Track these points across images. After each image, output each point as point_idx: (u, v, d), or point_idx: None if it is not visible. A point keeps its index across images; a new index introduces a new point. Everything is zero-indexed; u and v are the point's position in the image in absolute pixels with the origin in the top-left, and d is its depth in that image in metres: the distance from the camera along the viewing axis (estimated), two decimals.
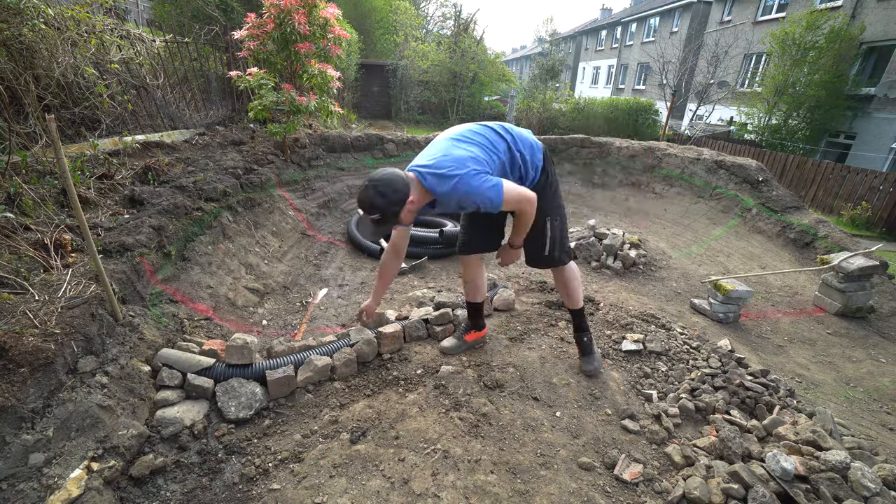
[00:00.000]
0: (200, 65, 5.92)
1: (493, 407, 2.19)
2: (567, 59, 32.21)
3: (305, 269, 4.05)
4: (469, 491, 1.72)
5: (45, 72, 3.42)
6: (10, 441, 1.45)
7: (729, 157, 6.75)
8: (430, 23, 22.26)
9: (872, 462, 1.91)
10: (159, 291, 2.60)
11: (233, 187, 3.97)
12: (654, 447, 2.05)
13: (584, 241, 4.64)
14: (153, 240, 2.70)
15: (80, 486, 1.46)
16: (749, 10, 18.18)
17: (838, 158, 13.73)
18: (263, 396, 2.10)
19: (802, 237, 5.22)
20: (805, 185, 10.94)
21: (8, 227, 2.33)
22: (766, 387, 2.47)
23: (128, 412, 1.80)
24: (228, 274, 3.31)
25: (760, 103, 14.43)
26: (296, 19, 4.46)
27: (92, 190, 3.06)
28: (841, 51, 12.92)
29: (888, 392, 3.03)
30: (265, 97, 4.46)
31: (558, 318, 3.11)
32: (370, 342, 2.44)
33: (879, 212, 9.34)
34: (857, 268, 3.87)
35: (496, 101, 17.27)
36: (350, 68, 11.69)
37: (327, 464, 1.79)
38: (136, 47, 4.74)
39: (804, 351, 3.49)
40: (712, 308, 3.65)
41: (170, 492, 1.67)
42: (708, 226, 6.09)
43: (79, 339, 1.80)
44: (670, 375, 2.57)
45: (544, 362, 2.59)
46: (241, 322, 2.96)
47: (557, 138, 7.72)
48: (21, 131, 3.08)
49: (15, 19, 3.19)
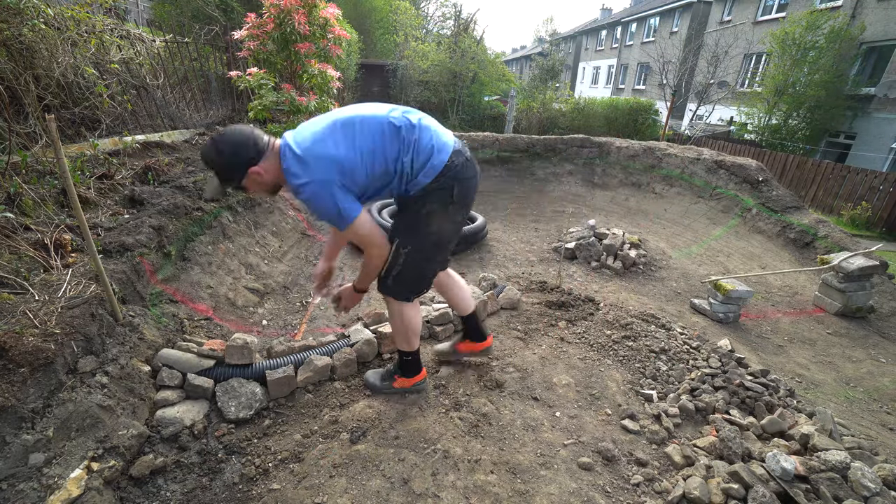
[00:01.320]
0: (200, 65, 5.92)
1: (493, 407, 2.19)
2: (567, 59, 32.22)
3: (305, 269, 4.05)
4: (469, 491, 1.72)
5: (45, 72, 3.42)
6: (10, 441, 1.45)
7: (729, 157, 6.75)
8: (430, 23, 22.26)
9: (872, 462, 1.91)
10: (159, 291, 2.60)
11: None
12: (654, 447, 2.05)
13: (584, 241, 4.64)
14: (153, 240, 2.70)
15: (80, 486, 1.46)
16: (749, 10, 18.18)
17: (838, 158, 13.74)
18: (263, 396, 2.10)
19: (802, 237, 5.22)
20: (805, 185, 10.94)
21: (8, 227, 2.33)
22: (766, 387, 2.47)
23: (128, 412, 1.80)
24: (228, 274, 3.31)
25: (760, 103, 14.43)
26: (296, 19, 4.46)
27: (92, 190, 3.06)
28: (841, 51, 12.93)
29: (888, 392, 3.03)
30: (265, 97, 4.46)
31: (558, 319, 3.11)
32: (370, 342, 2.44)
33: (879, 212, 9.34)
34: (857, 268, 3.87)
35: (496, 100, 17.26)
36: (350, 68, 11.69)
37: (327, 464, 1.79)
38: (136, 47, 4.74)
39: (804, 351, 3.49)
40: (712, 308, 3.66)
41: (170, 492, 1.67)
42: (708, 226, 6.09)
43: (79, 339, 1.80)
44: (670, 375, 2.57)
45: (544, 362, 2.59)
46: (241, 322, 2.96)
47: (557, 138, 7.73)
48: (21, 131, 3.08)
49: (15, 19, 3.19)
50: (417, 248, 1.82)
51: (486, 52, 17.29)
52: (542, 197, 7.01)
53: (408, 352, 2.09)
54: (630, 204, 6.87)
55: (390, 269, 1.86)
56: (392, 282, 1.90)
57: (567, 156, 7.64)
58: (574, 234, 4.92)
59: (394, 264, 1.84)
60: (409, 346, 2.07)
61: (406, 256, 1.82)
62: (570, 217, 6.07)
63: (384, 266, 1.86)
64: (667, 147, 7.35)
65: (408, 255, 1.82)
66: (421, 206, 1.78)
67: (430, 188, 1.74)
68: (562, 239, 5.04)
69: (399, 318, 1.99)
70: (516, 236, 5.44)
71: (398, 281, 1.89)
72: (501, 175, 7.28)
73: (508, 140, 7.45)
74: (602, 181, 7.43)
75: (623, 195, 7.10)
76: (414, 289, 1.96)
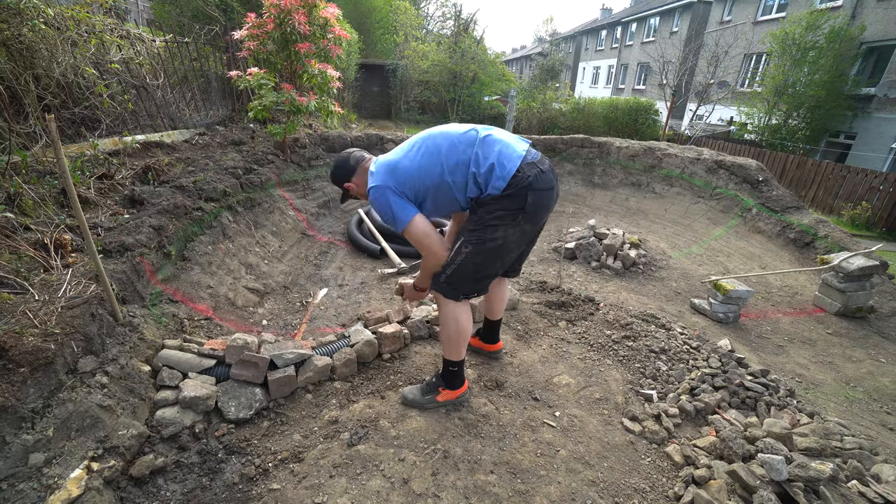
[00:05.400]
0: (200, 65, 5.92)
1: (493, 407, 2.19)
2: (567, 59, 32.23)
3: (305, 269, 4.05)
4: (469, 491, 1.72)
5: (45, 72, 3.42)
6: (10, 441, 1.45)
7: (729, 157, 6.74)
8: (430, 23, 22.26)
9: (872, 462, 1.91)
10: (159, 291, 2.60)
11: (233, 187, 3.97)
12: (654, 447, 2.05)
13: (584, 241, 4.64)
14: (153, 240, 2.70)
15: (80, 486, 1.46)
16: (749, 10, 18.18)
17: (838, 158, 13.74)
18: (263, 396, 2.10)
19: (802, 237, 5.22)
20: (805, 185, 10.94)
21: (8, 227, 2.33)
22: (767, 387, 2.47)
23: (128, 412, 1.80)
24: (228, 274, 3.31)
25: (760, 103, 14.43)
26: (296, 19, 4.45)
27: (92, 190, 3.06)
28: (841, 51, 12.93)
29: (888, 392, 3.02)
30: (265, 97, 4.46)
31: (558, 319, 3.11)
32: (370, 342, 2.44)
33: (879, 212, 9.34)
34: (857, 268, 3.87)
35: (496, 100, 17.26)
36: (350, 68, 11.68)
37: (327, 464, 1.79)
38: (136, 47, 4.74)
39: (804, 351, 3.49)
40: (712, 308, 3.65)
41: (170, 492, 1.67)
42: (708, 226, 6.09)
43: (79, 339, 1.80)
44: (670, 375, 2.57)
45: (544, 362, 2.59)
46: (241, 322, 2.96)
47: (557, 138, 7.72)
48: (21, 131, 3.08)
49: (15, 19, 3.19)
50: (478, 250, 1.82)
51: (486, 52, 17.28)
52: None
53: (455, 361, 2.05)
54: (630, 204, 6.87)
55: (447, 266, 1.89)
56: (445, 279, 1.90)
57: (567, 156, 7.64)
58: (574, 234, 4.92)
59: (452, 261, 1.87)
60: (458, 355, 2.04)
61: (466, 256, 1.84)
62: (570, 217, 6.07)
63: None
64: (667, 147, 7.35)
65: (468, 255, 1.84)
66: (491, 211, 1.81)
67: (502, 196, 1.77)
68: (562, 239, 5.04)
69: (451, 320, 1.95)
70: None
71: (451, 278, 1.89)
72: None
73: None
74: (602, 181, 7.43)
75: (623, 195, 7.10)
76: (465, 290, 1.93)
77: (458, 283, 1.90)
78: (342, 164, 2.03)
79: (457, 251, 1.86)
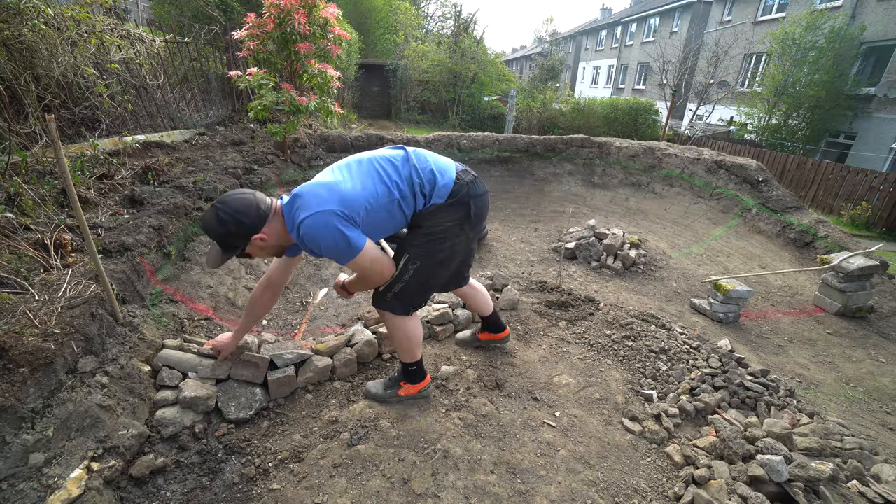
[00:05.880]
0: (200, 65, 5.92)
1: (493, 407, 2.19)
2: (567, 59, 32.23)
3: (305, 269, 4.05)
4: (469, 491, 1.72)
5: (45, 72, 3.42)
6: (10, 441, 1.45)
7: (729, 157, 6.74)
8: (430, 23, 22.27)
9: (872, 462, 1.91)
10: (159, 291, 2.60)
11: (233, 187, 3.97)
12: (654, 447, 2.05)
13: (584, 241, 4.64)
14: (153, 240, 2.70)
15: (80, 486, 1.46)
16: (749, 10, 18.19)
17: (838, 158, 13.74)
18: (263, 396, 2.10)
19: (802, 237, 5.22)
20: (805, 185, 10.94)
21: (8, 227, 2.33)
22: (767, 387, 2.47)
23: (128, 412, 1.80)
24: (228, 274, 3.31)
25: (760, 103, 14.44)
26: (296, 19, 4.45)
27: (92, 190, 3.06)
28: (841, 51, 12.93)
29: (888, 392, 3.02)
30: (265, 97, 4.45)
31: (558, 319, 3.11)
32: (370, 343, 2.44)
33: (879, 212, 9.34)
34: (857, 268, 3.87)
35: (496, 101, 17.28)
36: (350, 68, 11.69)
37: (327, 464, 1.79)
38: (136, 47, 4.74)
39: (804, 351, 3.49)
40: (712, 308, 3.65)
41: (170, 492, 1.67)
42: (708, 226, 6.09)
43: (79, 339, 1.80)
44: (670, 375, 2.57)
45: (544, 362, 2.59)
46: None
47: (557, 138, 7.72)
48: (21, 131, 3.08)
49: (15, 19, 3.19)
50: (426, 264, 1.79)
51: (486, 52, 17.31)
52: (542, 197, 7.01)
53: (412, 362, 2.07)
54: (630, 204, 6.87)
55: (392, 286, 1.81)
56: (392, 296, 1.85)
57: (567, 156, 7.63)
58: (574, 234, 4.92)
59: (397, 280, 1.80)
60: (414, 357, 2.04)
61: (413, 272, 1.79)
62: (569, 217, 6.07)
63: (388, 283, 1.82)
64: (667, 147, 7.35)
65: (415, 272, 1.79)
66: (437, 223, 1.75)
67: (444, 206, 1.74)
68: (562, 239, 5.04)
69: (401, 332, 1.94)
70: (516, 236, 5.44)
71: (400, 295, 1.84)
72: (501, 175, 7.27)
73: (508, 140, 7.45)
74: (602, 181, 7.42)
75: (623, 195, 7.10)
76: (414, 303, 1.92)
77: (408, 298, 1.87)
78: (244, 209, 1.55)
79: (403, 269, 1.78)
